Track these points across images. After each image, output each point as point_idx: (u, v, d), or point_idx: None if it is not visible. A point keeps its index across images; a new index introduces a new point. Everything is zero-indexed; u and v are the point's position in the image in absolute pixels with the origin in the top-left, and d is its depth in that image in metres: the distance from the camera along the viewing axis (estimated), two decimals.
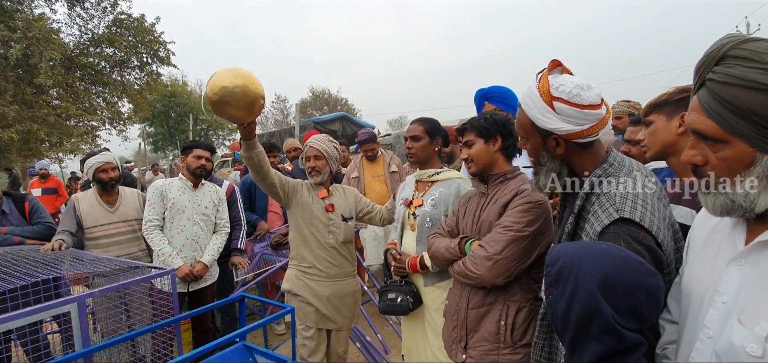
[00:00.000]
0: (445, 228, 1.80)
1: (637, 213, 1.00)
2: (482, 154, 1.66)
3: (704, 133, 0.79)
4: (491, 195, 1.65)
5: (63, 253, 2.61)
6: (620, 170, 1.12)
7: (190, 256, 2.85)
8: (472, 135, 1.68)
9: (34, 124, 11.16)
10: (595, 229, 1.05)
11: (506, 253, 1.46)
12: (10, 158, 11.69)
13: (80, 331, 1.90)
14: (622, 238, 0.98)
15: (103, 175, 2.95)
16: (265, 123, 30.80)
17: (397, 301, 1.95)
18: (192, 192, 2.94)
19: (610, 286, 0.82)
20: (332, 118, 9.21)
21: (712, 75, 0.77)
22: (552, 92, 1.12)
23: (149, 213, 2.79)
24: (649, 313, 0.84)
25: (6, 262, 2.24)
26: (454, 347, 1.65)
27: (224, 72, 1.81)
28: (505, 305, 1.53)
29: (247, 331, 2.18)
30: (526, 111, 1.18)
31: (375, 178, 3.86)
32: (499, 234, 1.50)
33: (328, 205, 2.37)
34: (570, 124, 1.11)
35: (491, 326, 1.54)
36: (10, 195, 3.08)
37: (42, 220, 3.08)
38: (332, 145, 2.42)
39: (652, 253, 0.97)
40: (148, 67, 14.00)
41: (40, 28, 10.67)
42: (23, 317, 1.67)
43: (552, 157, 1.19)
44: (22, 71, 11.31)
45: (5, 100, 10.48)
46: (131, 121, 15.78)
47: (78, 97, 12.86)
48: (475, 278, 1.51)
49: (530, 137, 1.22)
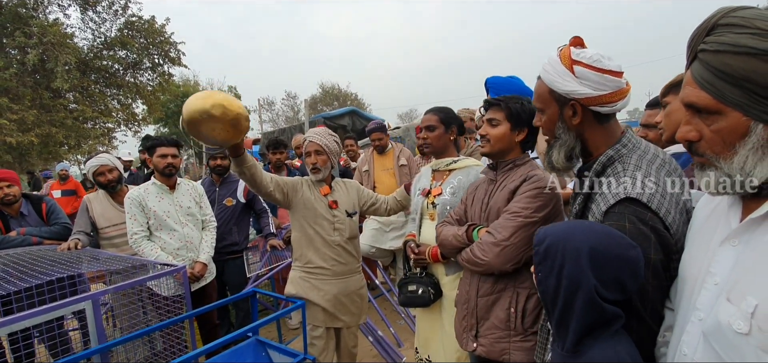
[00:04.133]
0: (454, 216, 1.77)
1: (645, 194, 0.97)
2: (503, 139, 1.60)
3: (697, 105, 0.78)
4: (500, 181, 1.62)
5: (80, 252, 2.66)
6: (634, 151, 1.09)
7: (187, 257, 2.80)
8: (501, 115, 1.60)
9: (53, 127, 11.45)
10: (600, 209, 1.03)
11: (514, 240, 1.44)
12: (31, 161, 12.00)
13: (95, 327, 1.93)
14: (627, 217, 0.96)
15: (101, 178, 2.98)
16: (276, 120, 31.03)
17: (418, 293, 1.91)
18: (170, 195, 2.83)
19: (595, 258, 0.86)
20: (342, 113, 9.19)
21: (704, 45, 0.76)
22: (572, 56, 1.11)
23: (133, 226, 2.67)
24: (631, 283, 0.88)
25: (25, 261, 2.30)
26: (465, 336, 1.63)
27: (197, 97, 1.78)
28: (514, 292, 1.51)
29: (259, 325, 2.19)
30: (544, 79, 1.16)
31: (385, 172, 3.84)
32: (507, 220, 1.47)
33: (332, 201, 2.31)
34: (589, 88, 1.09)
35: (501, 313, 1.52)
36: (27, 197, 3.15)
37: (59, 221, 3.14)
38: (332, 138, 2.34)
39: (659, 235, 0.94)
40: (160, 68, 14.21)
41: (54, 34, 10.90)
42: (39, 315, 1.71)
43: (567, 128, 1.16)
44: (40, 76, 11.58)
45: (24, 104, 10.76)
46: (146, 121, 16.05)
47: (93, 99, 13.14)
48: (483, 265, 1.49)
49: (547, 107, 1.19)
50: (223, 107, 1.75)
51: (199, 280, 2.84)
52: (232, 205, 3.35)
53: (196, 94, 1.80)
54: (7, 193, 2.90)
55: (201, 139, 1.85)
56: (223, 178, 3.42)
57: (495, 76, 2.20)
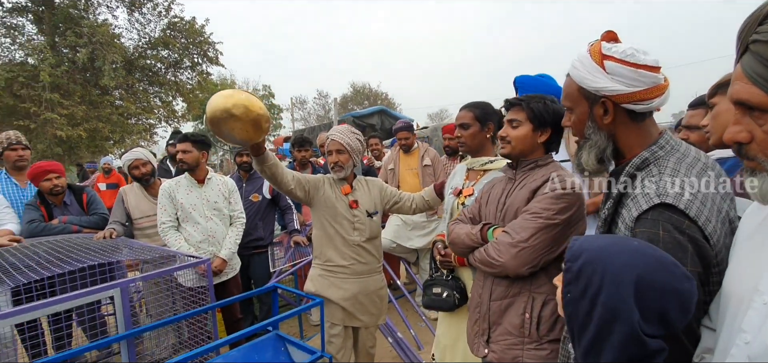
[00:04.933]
0: (467, 214, 1.69)
1: (683, 200, 0.88)
2: (525, 141, 1.52)
3: (749, 102, 0.70)
4: (519, 180, 1.54)
5: (114, 241, 2.79)
6: (672, 153, 1.00)
7: (208, 251, 2.85)
8: (522, 115, 1.52)
9: (99, 122, 12.15)
10: (632, 215, 0.95)
11: (533, 241, 1.35)
12: (79, 154, 12.78)
13: (123, 314, 2.01)
14: (661, 225, 0.88)
15: (135, 171, 3.12)
16: (307, 119, 31.58)
17: (442, 296, 1.85)
18: (198, 189, 2.90)
19: (641, 288, 0.74)
20: (371, 113, 9.22)
21: (757, 35, 0.68)
22: (603, 51, 1.04)
23: (162, 216, 2.80)
24: (677, 319, 0.77)
25: (65, 248, 2.43)
26: (477, 341, 1.56)
27: (220, 95, 1.80)
28: (530, 297, 1.43)
29: (279, 320, 2.22)
30: (573, 77, 1.10)
31: (409, 171, 3.83)
32: (526, 220, 1.39)
33: (352, 201, 2.28)
34: (621, 84, 1.01)
35: (515, 319, 1.44)
36: (71, 187, 3.34)
37: (98, 212, 3.31)
38: (355, 136, 2.30)
39: (697, 246, 0.86)
40: (199, 67, 14.79)
41: (103, 34, 11.56)
42: (70, 300, 1.79)
43: (598, 128, 1.09)
44: (89, 74, 12.32)
45: (74, 100, 11.48)
46: (185, 118, 16.74)
47: (137, 96, 13.85)
48: (497, 266, 1.40)
49: (576, 106, 1.12)
50: (244, 107, 1.77)
51: (219, 274, 2.88)
52: (258, 201, 3.42)
53: (219, 92, 1.83)
54: (56, 184, 3.08)
55: (222, 137, 1.88)
56: (249, 174, 3.49)
57: (524, 74, 2.12)
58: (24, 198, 3.26)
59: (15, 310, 1.72)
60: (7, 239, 2.59)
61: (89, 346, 1.90)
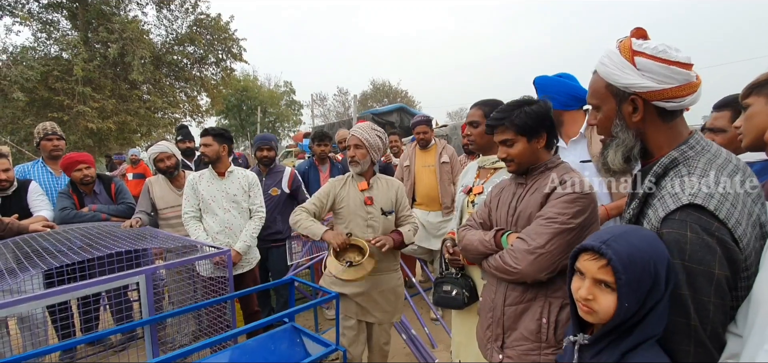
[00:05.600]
0: (476, 220, 1.69)
1: (713, 201, 0.87)
2: (526, 154, 1.50)
3: None
4: (530, 185, 1.52)
5: (140, 230, 2.89)
6: (702, 154, 0.98)
7: (225, 243, 2.89)
8: (511, 133, 1.49)
9: (128, 115, 12.57)
10: (658, 215, 0.93)
11: (550, 247, 1.34)
12: (109, 146, 13.25)
13: (147, 300, 2.09)
14: (689, 226, 0.87)
15: (160, 164, 3.22)
16: (327, 115, 31.83)
17: (452, 294, 1.87)
18: (219, 181, 2.96)
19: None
20: (390, 110, 9.24)
21: None
22: (634, 47, 1.02)
23: (185, 206, 2.93)
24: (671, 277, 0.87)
25: (94, 234, 2.54)
26: (489, 346, 1.56)
27: None
28: (546, 302, 1.41)
29: (295, 312, 2.26)
30: (601, 73, 1.08)
31: (425, 168, 3.80)
32: (542, 226, 1.37)
33: (368, 197, 2.29)
34: (652, 81, 0.99)
35: (531, 324, 1.43)
36: (100, 177, 3.48)
37: (125, 201, 3.44)
38: (375, 133, 2.31)
39: (726, 248, 0.84)
40: (223, 63, 15.08)
41: (133, 30, 11.94)
42: (98, 285, 1.87)
43: (626, 126, 1.07)
44: (119, 69, 12.75)
45: (104, 94, 11.90)
46: (209, 113, 17.12)
47: (164, 91, 14.23)
48: (514, 273, 1.39)
49: (604, 103, 1.10)
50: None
51: (235, 266, 2.92)
52: (277, 195, 3.48)
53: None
54: (86, 174, 3.22)
55: None
56: (269, 168, 3.56)
57: (543, 75, 2.08)
58: (58, 186, 3.42)
59: (47, 293, 1.81)
60: (41, 225, 2.72)
61: (114, 329, 1.98)
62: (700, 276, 0.85)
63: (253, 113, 25.24)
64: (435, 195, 3.72)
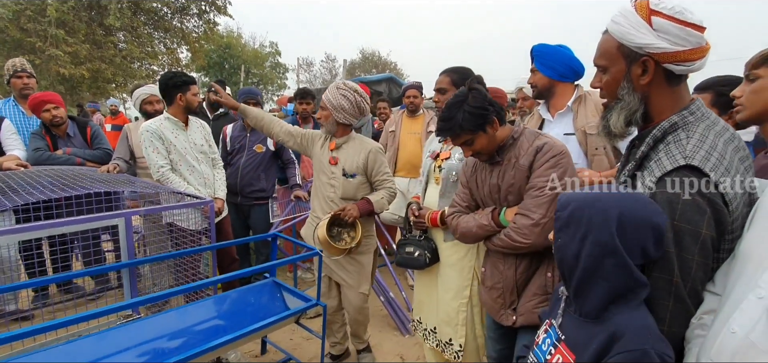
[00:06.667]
0: (461, 203, 1.74)
1: (709, 164, 0.89)
2: (488, 143, 1.56)
3: None
4: (505, 160, 1.59)
5: (117, 176, 2.81)
6: (702, 120, 0.99)
7: (206, 194, 2.80)
8: (467, 135, 1.54)
9: (103, 63, 11.97)
10: (654, 175, 0.95)
11: (550, 215, 1.43)
12: (81, 94, 12.65)
13: (127, 244, 2.05)
14: (684, 186, 0.90)
15: (148, 107, 3.11)
16: (313, 82, 31.20)
17: (414, 255, 1.95)
18: (184, 132, 2.76)
19: (623, 223, 0.88)
20: (379, 79, 9.11)
21: None
22: (651, 6, 0.99)
23: (158, 159, 2.61)
24: (654, 251, 0.89)
25: (68, 177, 2.45)
26: (502, 312, 1.63)
27: None
28: (550, 259, 1.52)
29: (276, 265, 2.27)
30: (613, 32, 1.05)
31: (411, 135, 3.80)
32: (536, 198, 1.47)
33: (331, 157, 2.33)
34: (666, 42, 0.98)
35: (540, 280, 1.55)
36: (74, 119, 3.33)
37: (101, 146, 3.33)
38: (340, 93, 2.25)
39: (716, 211, 0.88)
40: (206, 15, 14.44)
41: None
42: (77, 224, 1.82)
43: (633, 89, 1.05)
44: (94, 12, 12.05)
45: (78, 38, 11.27)
46: (189, 68, 16.47)
47: (141, 41, 13.56)
48: (525, 247, 1.49)
49: (613, 64, 1.07)
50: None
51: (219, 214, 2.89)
52: (261, 152, 3.42)
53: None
54: (55, 115, 3.07)
55: None
56: None
57: (542, 44, 2.08)
58: (30, 127, 3.27)
59: (19, 227, 1.75)
60: (14, 163, 2.61)
61: (90, 270, 1.95)
62: (687, 235, 0.88)
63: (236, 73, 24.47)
64: (417, 163, 3.75)
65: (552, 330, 1.10)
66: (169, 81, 2.68)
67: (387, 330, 3.11)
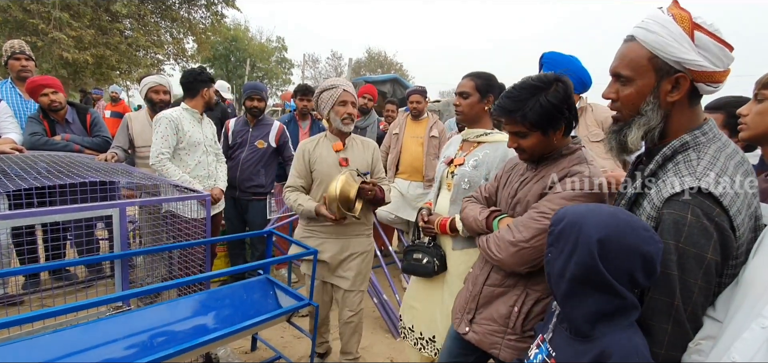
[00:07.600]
0: (483, 194, 1.67)
1: (719, 188, 0.87)
2: (540, 146, 1.37)
3: None
4: (539, 171, 1.43)
5: (115, 165, 2.79)
6: (713, 141, 0.96)
7: (207, 185, 2.93)
8: (523, 127, 1.33)
9: (108, 49, 11.94)
10: (661, 195, 0.92)
11: (535, 243, 1.29)
12: (84, 80, 12.63)
13: (120, 235, 2.03)
14: (691, 209, 0.86)
15: (154, 95, 3.09)
16: (318, 79, 31.18)
17: (422, 262, 1.86)
18: (200, 125, 2.94)
19: (604, 249, 0.86)
20: (384, 80, 9.05)
21: None
22: (694, 19, 0.93)
23: (162, 146, 2.68)
24: (642, 279, 0.87)
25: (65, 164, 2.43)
26: (460, 317, 1.57)
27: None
28: (523, 292, 1.41)
29: (270, 262, 2.25)
30: (647, 42, 0.96)
31: (414, 139, 3.78)
32: (532, 220, 1.32)
33: (342, 159, 2.26)
34: (707, 61, 0.93)
35: (503, 309, 1.43)
36: (73, 105, 3.30)
37: (101, 134, 3.30)
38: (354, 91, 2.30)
39: (722, 236, 0.85)
40: (214, 7, 14.43)
41: None
42: (71, 212, 1.80)
43: (658, 106, 0.98)
44: None
45: (83, 23, 11.25)
46: (194, 59, 16.45)
47: (148, 29, 13.55)
48: (495, 261, 1.39)
49: (640, 76, 0.98)
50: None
51: (215, 204, 2.98)
52: (263, 148, 3.39)
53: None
54: (54, 100, 3.03)
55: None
56: (257, 119, 3.45)
57: (553, 51, 2.04)
58: (28, 110, 3.24)
59: (13, 213, 1.73)
60: (9, 147, 2.58)
61: (83, 260, 1.93)
62: (691, 258, 0.86)
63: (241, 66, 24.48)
64: (419, 166, 3.73)
65: (544, 345, 1.10)
66: (198, 76, 2.89)
67: (379, 332, 3.09)
